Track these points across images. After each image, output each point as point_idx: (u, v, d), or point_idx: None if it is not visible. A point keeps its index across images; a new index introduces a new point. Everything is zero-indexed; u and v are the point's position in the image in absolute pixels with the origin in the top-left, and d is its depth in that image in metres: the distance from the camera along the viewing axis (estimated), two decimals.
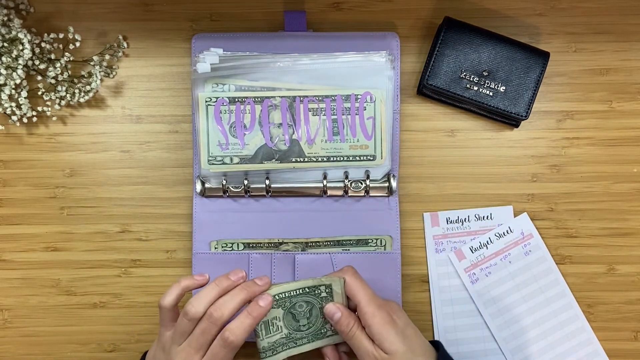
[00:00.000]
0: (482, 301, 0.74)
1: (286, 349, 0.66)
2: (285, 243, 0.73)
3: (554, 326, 0.74)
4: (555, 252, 0.75)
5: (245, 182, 0.72)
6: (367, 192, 0.73)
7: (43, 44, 0.72)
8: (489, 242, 0.75)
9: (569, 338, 0.74)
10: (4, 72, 0.68)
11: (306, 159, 0.72)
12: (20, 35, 0.68)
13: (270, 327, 0.65)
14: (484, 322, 0.74)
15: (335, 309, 0.64)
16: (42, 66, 0.72)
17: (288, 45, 0.72)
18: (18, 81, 0.69)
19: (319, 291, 0.65)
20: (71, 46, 0.72)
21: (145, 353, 0.66)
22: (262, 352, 0.65)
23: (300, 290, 0.65)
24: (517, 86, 0.72)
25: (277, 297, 0.65)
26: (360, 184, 0.73)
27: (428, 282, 0.75)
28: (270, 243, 0.73)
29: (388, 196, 0.73)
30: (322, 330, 0.67)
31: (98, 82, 0.72)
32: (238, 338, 0.61)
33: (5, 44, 0.69)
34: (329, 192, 0.73)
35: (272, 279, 0.72)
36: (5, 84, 0.69)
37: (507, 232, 0.75)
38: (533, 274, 0.74)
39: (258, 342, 0.65)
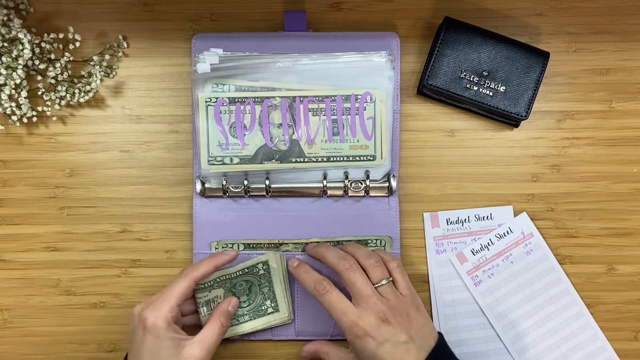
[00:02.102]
0: (486, 303, 0.74)
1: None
2: (285, 244, 0.73)
3: (560, 324, 0.74)
4: (556, 252, 0.75)
5: (245, 182, 0.72)
6: (367, 192, 0.73)
7: (43, 44, 0.72)
8: (490, 243, 0.75)
9: (575, 335, 0.74)
10: (4, 72, 0.68)
11: (306, 159, 0.72)
12: (20, 35, 0.68)
13: (212, 305, 0.70)
14: (488, 322, 0.74)
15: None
16: (42, 66, 0.72)
17: (288, 46, 0.72)
18: (18, 81, 0.69)
19: (257, 269, 0.69)
20: (71, 46, 0.72)
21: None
22: None
23: (240, 272, 0.69)
24: (517, 86, 0.72)
25: (219, 279, 0.70)
26: (360, 184, 0.73)
27: (428, 282, 0.75)
28: (271, 244, 0.73)
29: (388, 196, 0.73)
30: (262, 307, 0.70)
31: (98, 82, 0.72)
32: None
33: (5, 44, 0.69)
34: (329, 193, 0.73)
35: None
36: (5, 84, 0.69)
37: (508, 233, 0.75)
38: (535, 273, 0.74)
39: (201, 320, 0.69)
